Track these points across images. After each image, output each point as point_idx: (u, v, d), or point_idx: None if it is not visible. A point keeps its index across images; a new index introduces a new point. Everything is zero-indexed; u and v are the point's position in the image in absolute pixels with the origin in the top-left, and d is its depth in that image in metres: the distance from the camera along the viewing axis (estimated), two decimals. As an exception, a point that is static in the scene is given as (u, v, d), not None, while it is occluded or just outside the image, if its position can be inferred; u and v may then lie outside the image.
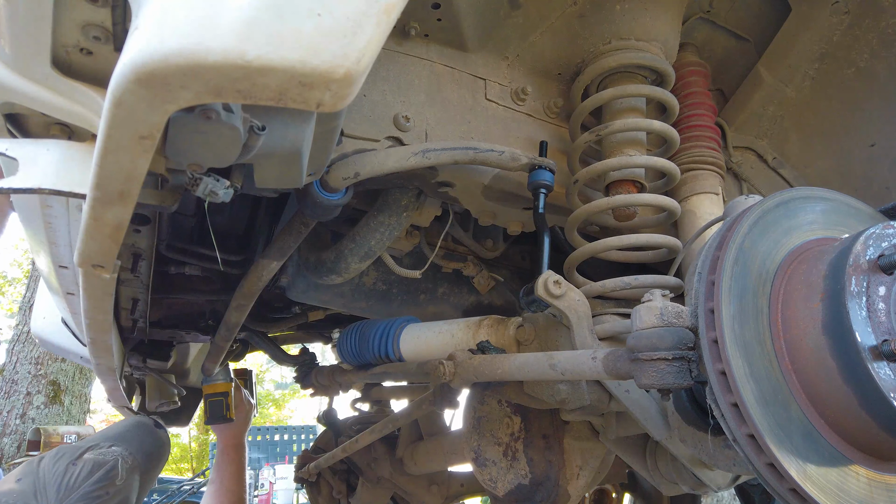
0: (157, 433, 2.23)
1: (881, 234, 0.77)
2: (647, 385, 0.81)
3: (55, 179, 0.77)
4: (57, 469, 1.76)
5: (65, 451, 1.83)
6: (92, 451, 1.86)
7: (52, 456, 1.80)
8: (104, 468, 1.83)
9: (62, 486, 1.73)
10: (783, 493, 0.72)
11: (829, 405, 0.75)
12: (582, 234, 1.42)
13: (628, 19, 1.32)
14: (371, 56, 0.58)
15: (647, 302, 0.84)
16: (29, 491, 1.70)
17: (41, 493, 1.71)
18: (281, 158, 0.79)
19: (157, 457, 2.16)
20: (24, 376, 6.14)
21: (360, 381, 1.96)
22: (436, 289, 1.95)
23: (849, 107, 1.50)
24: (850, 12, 1.38)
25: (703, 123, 1.47)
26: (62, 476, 1.75)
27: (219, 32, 0.53)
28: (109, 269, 0.87)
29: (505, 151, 1.25)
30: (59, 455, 1.81)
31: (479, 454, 1.53)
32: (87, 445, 1.87)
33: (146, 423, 2.22)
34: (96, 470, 1.81)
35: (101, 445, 1.88)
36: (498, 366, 1.13)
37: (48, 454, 1.81)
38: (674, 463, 1.31)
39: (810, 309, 0.78)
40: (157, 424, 2.27)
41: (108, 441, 1.92)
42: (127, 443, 1.96)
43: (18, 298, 9.49)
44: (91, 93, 0.77)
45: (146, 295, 1.55)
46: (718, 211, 1.40)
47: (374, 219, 1.43)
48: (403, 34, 1.29)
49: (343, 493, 2.75)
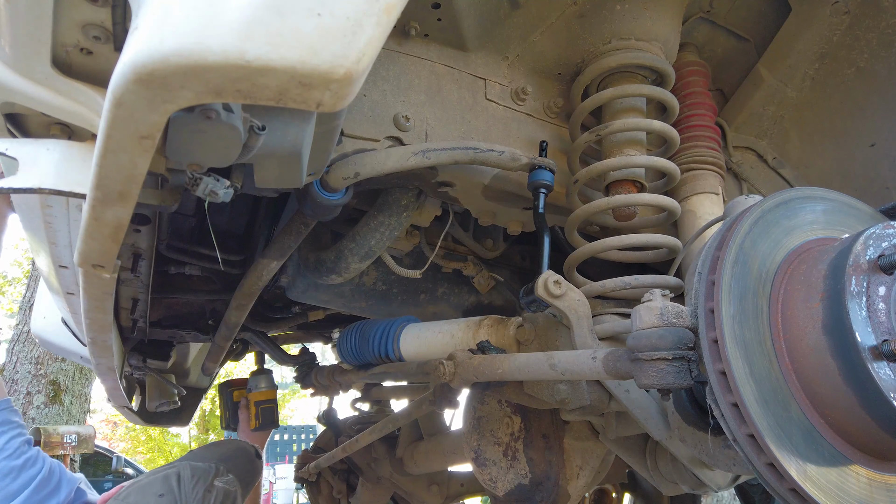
0: (256, 463, 2.25)
1: (881, 234, 0.77)
2: (647, 385, 0.81)
3: (55, 179, 0.77)
4: (196, 494, 1.80)
5: (199, 475, 1.85)
6: (220, 478, 1.89)
7: (189, 479, 1.81)
8: (230, 498, 1.88)
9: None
10: (783, 492, 0.72)
11: (829, 405, 0.75)
12: (582, 234, 1.42)
13: (628, 19, 1.32)
14: (371, 56, 0.58)
15: (647, 302, 0.84)
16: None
17: None
18: (281, 158, 0.79)
19: (252, 486, 2.21)
20: (24, 376, 6.14)
21: (360, 380, 1.96)
22: (436, 289, 1.95)
23: (849, 107, 1.50)
24: (851, 12, 1.38)
25: (704, 123, 1.47)
26: (201, 502, 1.79)
27: (219, 32, 0.53)
28: (109, 269, 0.87)
29: (505, 151, 1.25)
30: (196, 479, 1.83)
31: (479, 454, 1.53)
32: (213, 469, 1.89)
33: (249, 451, 2.23)
34: (225, 500, 1.86)
35: (221, 471, 1.91)
36: (498, 366, 1.13)
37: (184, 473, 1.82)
38: (674, 463, 1.31)
39: (810, 309, 0.78)
40: (258, 454, 2.29)
41: (224, 464, 1.94)
42: (237, 469, 2.00)
43: (18, 298, 9.50)
44: (91, 93, 0.77)
45: (146, 295, 1.55)
46: (718, 211, 1.39)
47: (374, 219, 1.43)
48: (403, 34, 1.29)
49: (343, 492, 2.76)
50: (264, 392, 2.50)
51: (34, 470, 1.74)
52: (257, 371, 2.58)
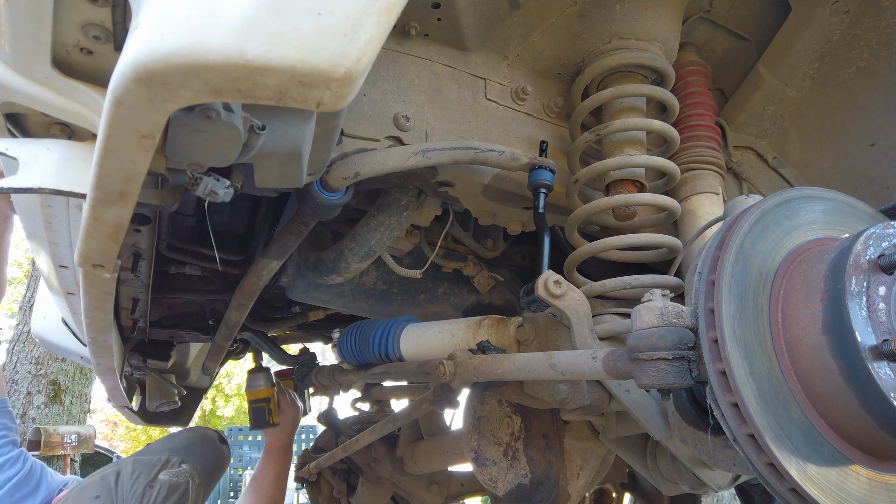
0: (220, 449, 2.19)
1: (881, 233, 0.77)
2: (647, 385, 0.81)
3: (55, 179, 0.77)
4: (136, 491, 1.73)
5: (141, 469, 1.79)
6: (166, 470, 1.83)
7: (129, 475, 1.76)
8: (178, 492, 1.81)
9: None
10: (783, 492, 0.72)
11: (830, 405, 0.75)
12: (582, 234, 1.42)
13: (628, 19, 1.32)
14: (371, 55, 0.58)
15: (648, 302, 0.84)
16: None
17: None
18: (281, 158, 0.79)
19: (218, 474, 2.14)
20: (25, 376, 6.14)
21: (360, 380, 1.96)
22: (436, 288, 1.95)
23: (849, 107, 1.50)
24: (850, 12, 1.38)
25: (704, 123, 1.47)
26: (140, 499, 1.73)
27: (219, 31, 0.53)
28: (110, 269, 0.87)
29: (505, 151, 1.25)
30: (135, 474, 1.77)
31: (480, 454, 1.53)
32: (160, 461, 1.83)
33: (211, 437, 2.18)
34: (171, 494, 1.79)
35: (172, 462, 1.85)
36: (498, 366, 1.13)
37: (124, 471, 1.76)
38: (674, 463, 1.31)
39: (810, 309, 0.77)
40: (222, 439, 2.23)
41: (177, 455, 1.88)
42: (195, 458, 1.93)
43: (18, 298, 9.49)
44: (91, 92, 0.77)
45: (146, 295, 1.55)
46: (718, 211, 1.39)
47: (374, 218, 1.43)
48: (403, 34, 1.29)
49: (343, 492, 2.76)
50: (256, 391, 2.46)
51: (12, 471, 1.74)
52: (255, 369, 2.56)
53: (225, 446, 2.25)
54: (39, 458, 5.28)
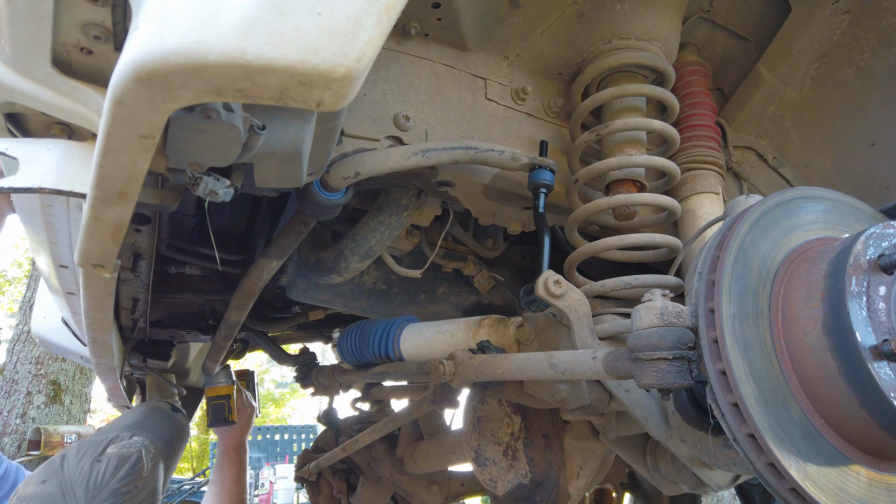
0: (174, 417, 2.17)
1: (881, 233, 0.77)
2: (647, 385, 0.81)
3: (55, 179, 0.77)
4: (82, 468, 1.71)
5: (87, 447, 1.77)
6: (114, 444, 1.79)
7: (74, 454, 1.73)
8: (129, 462, 1.78)
9: (90, 486, 1.68)
10: (783, 492, 0.72)
11: (830, 405, 0.75)
12: (582, 234, 1.42)
13: (628, 19, 1.32)
14: (371, 55, 0.58)
15: (648, 302, 0.84)
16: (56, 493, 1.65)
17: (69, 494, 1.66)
18: (281, 158, 0.79)
19: (178, 441, 2.11)
20: (25, 376, 6.15)
21: (360, 380, 1.96)
22: (436, 288, 1.95)
23: (849, 107, 1.50)
24: (851, 12, 1.38)
25: (704, 123, 1.47)
26: (88, 475, 1.70)
27: (219, 31, 0.53)
28: (110, 269, 0.87)
29: (505, 151, 1.25)
30: (81, 453, 1.74)
31: (480, 454, 1.53)
32: (107, 438, 1.80)
33: (162, 407, 2.16)
34: (122, 465, 1.76)
35: (121, 437, 1.82)
36: (498, 365, 1.13)
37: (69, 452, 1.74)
38: (674, 462, 1.31)
39: (810, 309, 0.77)
40: (174, 408, 2.22)
41: (127, 431, 1.85)
42: (147, 430, 1.90)
43: (18, 298, 9.50)
44: (91, 92, 0.77)
45: (146, 294, 1.55)
46: (718, 210, 1.39)
47: (374, 218, 1.43)
48: (403, 33, 1.29)
49: (343, 492, 2.75)
50: (216, 388, 2.45)
51: None
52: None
53: (179, 414, 2.23)
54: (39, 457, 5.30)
